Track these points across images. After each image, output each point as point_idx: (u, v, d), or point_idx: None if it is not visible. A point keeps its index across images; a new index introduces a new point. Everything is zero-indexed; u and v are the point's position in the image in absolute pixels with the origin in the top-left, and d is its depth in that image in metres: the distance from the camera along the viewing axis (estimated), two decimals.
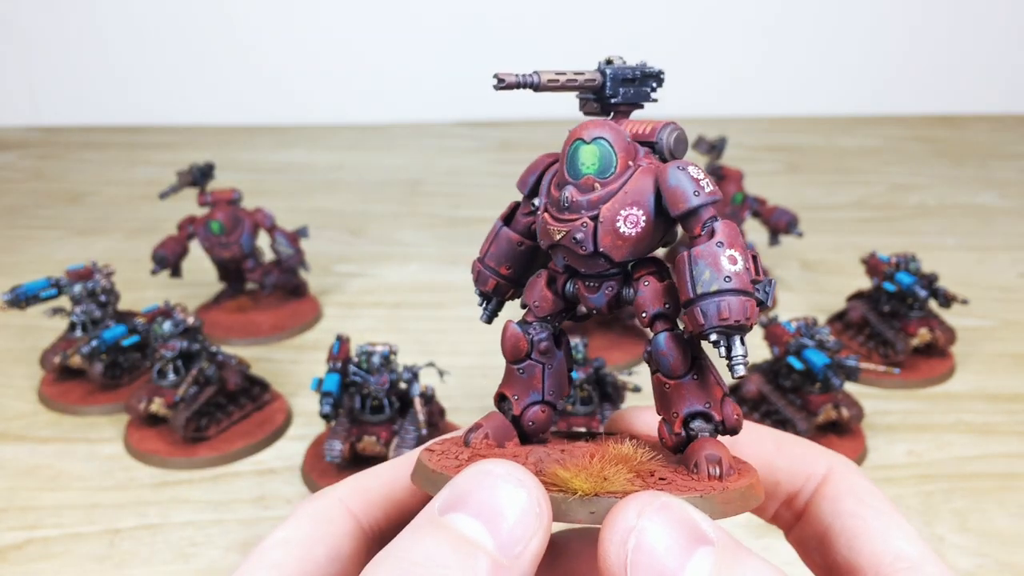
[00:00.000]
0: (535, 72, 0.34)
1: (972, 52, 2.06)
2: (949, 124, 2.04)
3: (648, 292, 0.33)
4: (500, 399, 0.36)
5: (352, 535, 0.33)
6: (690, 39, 2.03)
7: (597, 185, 0.33)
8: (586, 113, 0.37)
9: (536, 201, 0.36)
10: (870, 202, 1.59)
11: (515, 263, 0.37)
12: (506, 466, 0.28)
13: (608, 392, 0.86)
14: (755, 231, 1.26)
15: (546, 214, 0.34)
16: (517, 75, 0.34)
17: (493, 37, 1.99)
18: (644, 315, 0.33)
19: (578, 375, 0.84)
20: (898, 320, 1.03)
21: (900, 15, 2.03)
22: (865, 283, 1.11)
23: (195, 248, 1.12)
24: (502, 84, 0.33)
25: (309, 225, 1.23)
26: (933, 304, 1.04)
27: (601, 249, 0.33)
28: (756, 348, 1.01)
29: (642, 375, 0.98)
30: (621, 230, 0.33)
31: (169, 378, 0.89)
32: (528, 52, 1.98)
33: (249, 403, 0.94)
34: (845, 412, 0.86)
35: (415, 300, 1.22)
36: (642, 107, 0.37)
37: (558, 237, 0.33)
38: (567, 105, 0.36)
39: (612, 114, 0.36)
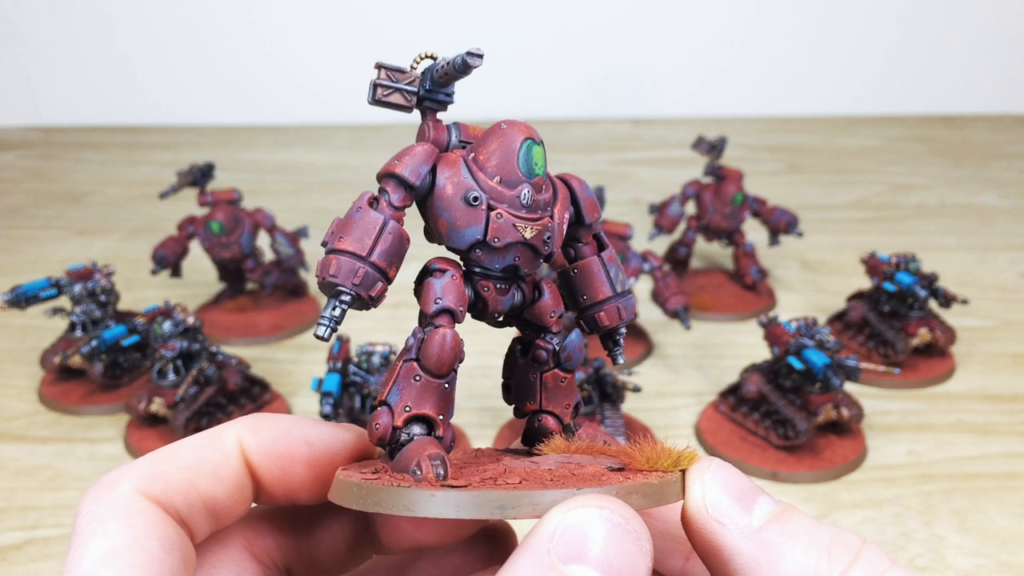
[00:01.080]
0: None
1: (972, 52, 2.06)
2: (949, 124, 2.04)
3: (553, 293, 0.35)
4: (412, 421, 0.32)
5: (171, 524, 0.29)
6: (690, 39, 2.03)
7: (544, 186, 0.33)
8: (385, 106, 0.35)
9: (477, 195, 0.32)
10: (870, 202, 1.60)
11: (399, 264, 0.34)
12: (618, 509, 0.26)
13: (608, 392, 0.86)
14: (755, 231, 1.26)
15: (507, 211, 0.32)
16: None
17: (493, 37, 1.99)
18: (552, 315, 0.34)
19: (579, 375, 0.84)
20: (898, 320, 1.03)
21: (900, 15, 2.03)
22: (865, 283, 1.11)
23: (195, 248, 1.12)
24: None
25: (309, 225, 1.23)
26: (933, 304, 1.04)
27: (554, 250, 0.33)
28: (756, 348, 1.01)
29: (642, 375, 0.98)
30: (563, 232, 0.34)
31: (169, 378, 0.89)
32: (528, 52, 1.98)
33: (249, 403, 0.94)
34: (845, 412, 0.86)
35: (415, 300, 1.22)
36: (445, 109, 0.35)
37: (529, 235, 0.32)
38: (568, 105, 0.35)
39: (423, 113, 0.36)
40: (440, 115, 0.35)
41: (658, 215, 1.21)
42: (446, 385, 0.33)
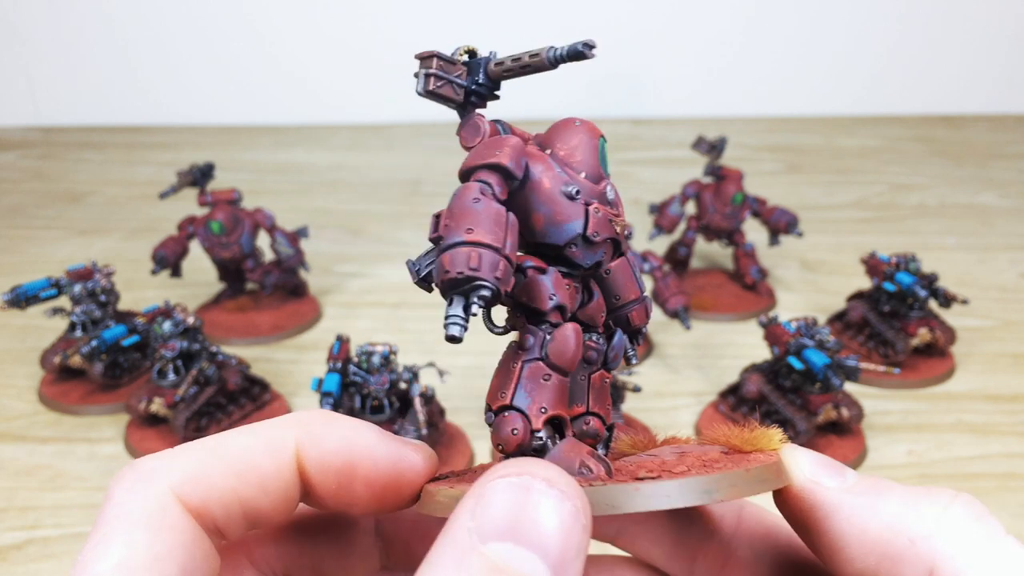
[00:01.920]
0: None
1: (972, 52, 2.06)
2: (949, 124, 2.04)
3: (599, 294, 0.34)
4: (554, 421, 0.30)
5: (199, 543, 0.27)
6: (690, 39, 2.03)
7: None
8: (435, 97, 0.32)
9: (577, 189, 0.31)
10: (870, 202, 1.59)
11: None
12: (545, 471, 0.24)
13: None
14: (755, 231, 1.26)
15: (602, 206, 0.31)
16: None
17: (493, 37, 1.99)
18: (603, 315, 0.33)
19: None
20: (898, 320, 1.03)
21: (900, 15, 2.03)
22: (865, 283, 1.11)
23: (195, 248, 1.12)
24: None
25: (309, 225, 1.23)
26: (933, 304, 1.04)
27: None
28: (756, 348, 1.01)
29: (642, 375, 0.98)
30: None
31: (169, 378, 0.89)
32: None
33: (249, 403, 0.94)
34: (845, 412, 0.86)
35: (415, 300, 1.22)
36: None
37: (619, 230, 0.32)
38: (568, 105, 0.34)
39: (466, 108, 0.33)
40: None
41: (658, 215, 1.21)
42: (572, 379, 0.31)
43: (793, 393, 0.88)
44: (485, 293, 0.28)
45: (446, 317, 0.28)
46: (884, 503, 0.28)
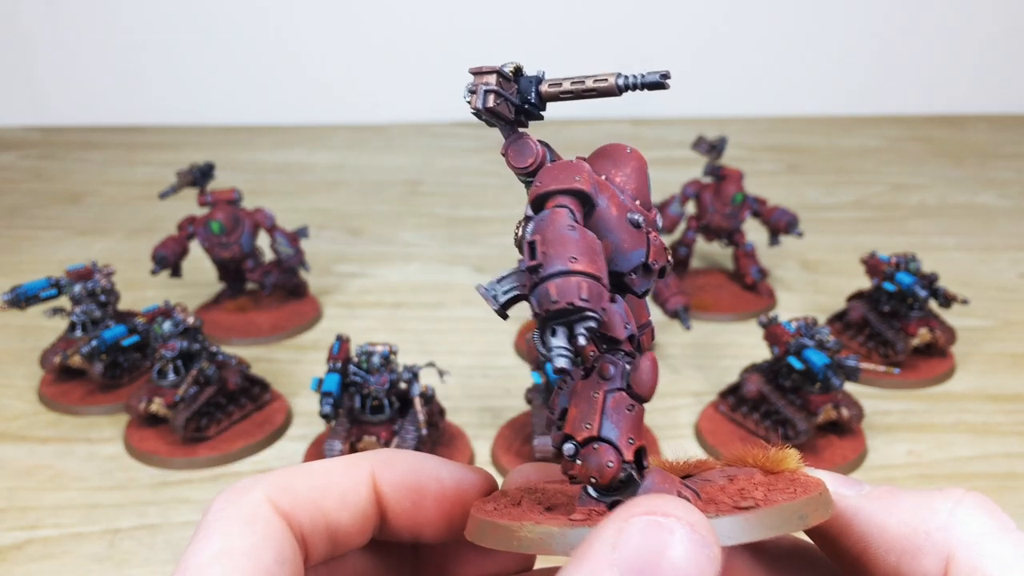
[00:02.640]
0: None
1: (972, 52, 2.06)
2: (949, 124, 2.04)
3: (624, 305, 0.33)
4: (641, 453, 0.30)
5: (290, 539, 0.30)
6: (690, 39, 2.03)
7: None
8: (491, 115, 0.32)
9: (642, 218, 0.31)
10: (870, 202, 1.59)
11: None
12: (685, 514, 0.24)
13: None
14: (755, 231, 1.26)
15: (658, 235, 0.32)
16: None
17: (493, 37, 1.99)
18: (627, 327, 0.32)
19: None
20: (898, 320, 1.03)
21: (900, 15, 2.03)
22: (865, 283, 1.11)
23: (195, 248, 1.12)
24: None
25: (309, 225, 1.23)
26: (933, 304, 1.04)
27: None
28: (756, 348, 1.01)
29: None
30: None
31: (169, 378, 0.89)
32: (528, 52, 1.98)
33: (249, 403, 0.94)
34: (845, 412, 0.86)
35: (415, 300, 1.22)
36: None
37: (669, 258, 0.32)
38: (568, 105, 0.33)
39: (515, 126, 0.33)
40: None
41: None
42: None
43: (793, 393, 0.88)
44: (592, 324, 0.27)
45: (550, 348, 0.27)
46: (899, 504, 0.30)
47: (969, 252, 1.37)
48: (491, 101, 0.31)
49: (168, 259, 1.09)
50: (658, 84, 0.31)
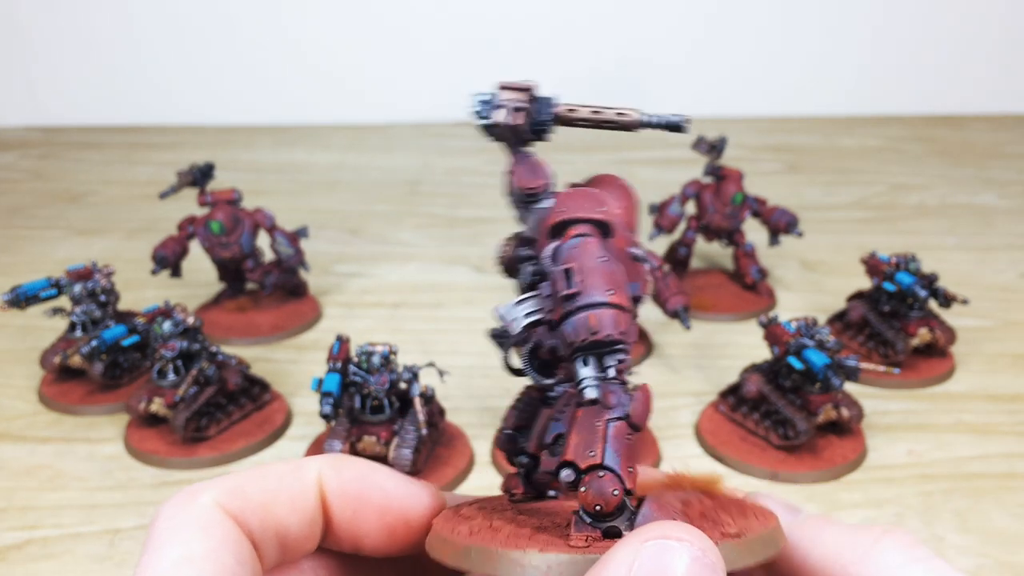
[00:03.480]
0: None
1: (972, 52, 2.06)
2: (949, 124, 2.04)
3: None
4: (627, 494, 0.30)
5: (245, 541, 0.30)
6: (690, 39, 2.03)
7: None
8: (507, 132, 0.32)
9: (639, 252, 0.32)
10: (870, 202, 1.59)
11: None
12: (698, 541, 0.26)
13: None
14: (755, 231, 1.26)
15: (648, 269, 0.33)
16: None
17: (494, 37, 1.99)
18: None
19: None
20: (898, 320, 1.03)
21: (900, 15, 2.03)
22: (865, 283, 1.11)
23: (195, 248, 1.12)
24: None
25: (309, 225, 1.23)
26: (933, 304, 1.04)
27: None
28: (756, 348, 1.01)
29: (642, 375, 0.98)
30: None
31: (169, 378, 0.89)
32: (528, 52, 1.98)
33: (249, 403, 0.94)
34: (845, 412, 0.86)
35: (415, 300, 1.22)
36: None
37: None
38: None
39: (524, 144, 0.33)
40: None
41: (658, 215, 1.21)
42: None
43: (793, 393, 0.88)
44: (623, 356, 0.29)
45: (583, 378, 0.28)
46: (826, 535, 0.31)
47: (969, 252, 1.37)
48: (520, 120, 0.31)
49: (168, 259, 1.09)
50: (677, 127, 0.32)
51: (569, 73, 1.98)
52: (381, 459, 0.82)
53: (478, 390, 0.98)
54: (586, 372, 0.28)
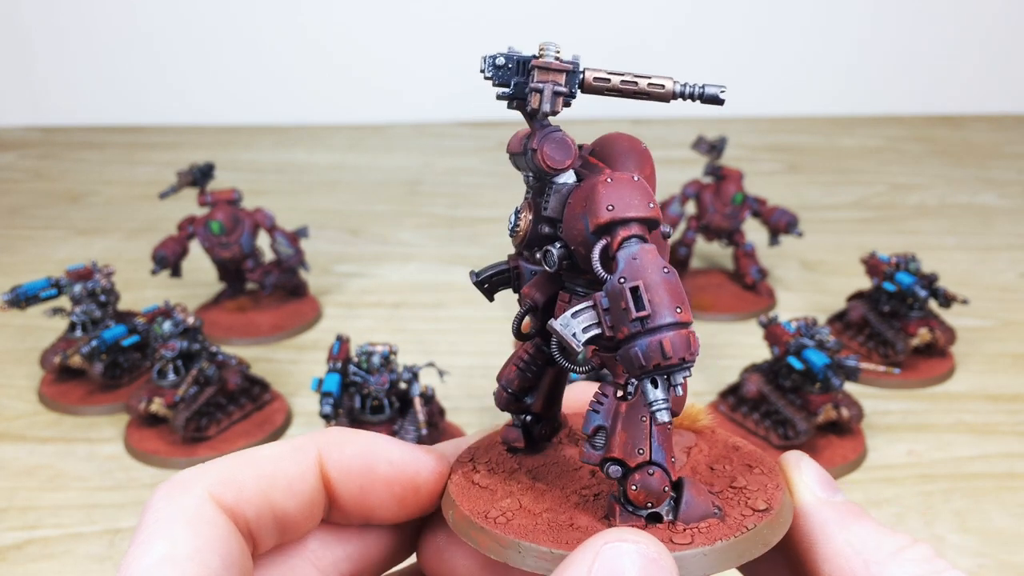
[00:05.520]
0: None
1: (972, 52, 2.06)
2: (949, 124, 2.04)
3: None
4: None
5: (236, 537, 0.29)
6: (690, 39, 2.03)
7: None
8: (539, 112, 0.31)
9: (668, 231, 0.32)
10: (870, 202, 1.59)
11: None
12: (652, 545, 0.27)
13: None
14: (755, 231, 1.26)
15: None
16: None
17: (493, 37, 1.98)
18: None
19: (577, 376, 0.84)
20: (898, 320, 1.03)
21: (900, 15, 2.03)
22: (865, 283, 1.11)
23: (195, 248, 1.12)
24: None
25: (309, 225, 1.23)
26: (933, 304, 1.04)
27: None
28: (756, 348, 1.01)
29: None
30: None
31: (169, 378, 0.89)
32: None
33: (249, 403, 0.94)
34: (845, 412, 0.86)
35: (415, 300, 1.22)
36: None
37: None
38: (572, 105, 0.32)
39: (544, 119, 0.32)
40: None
41: None
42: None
43: (793, 393, 0.88)
44: (688, 375, 0.28)
45: (654, 400, 0.27)
46: (856, 524, 0.31)
47: (969, 252, 1.37)
48: (559, 106, 0.30)
49: (168, 259, 1.09)
50: (715, 99, 0.31)
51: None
52: None
53: (478, 390, 0.98)
54: (658, 395, 0.27)
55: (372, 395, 0.83)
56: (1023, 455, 0.89)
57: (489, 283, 0.35)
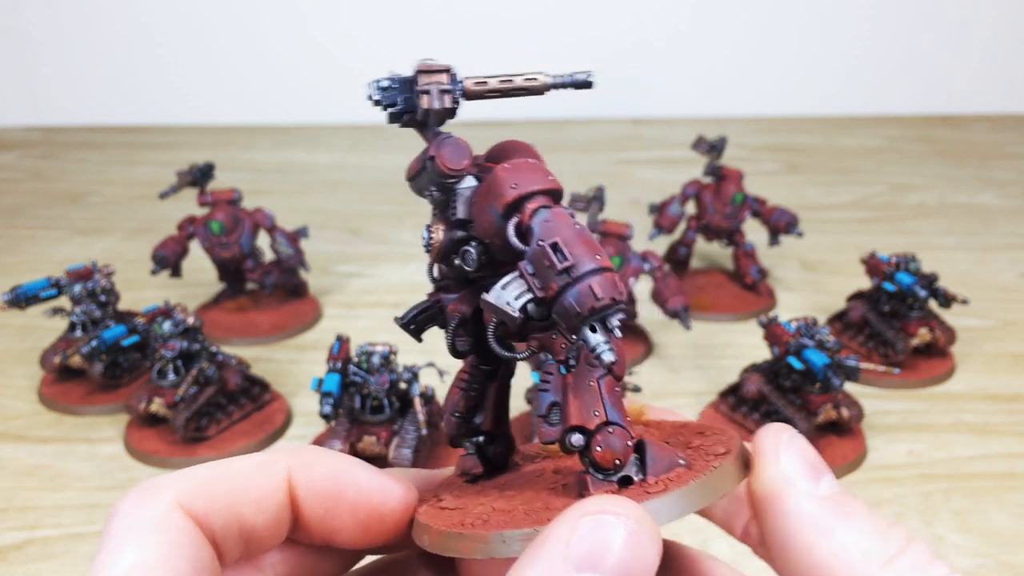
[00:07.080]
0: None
1: (972, 52, 2.06)
2: (949, 124, 2.04)
3: None
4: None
5: (205, 545, 0.29)
6: (690, 39, 2.03)
7: None
8: (426, 117, 0.33)
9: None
10: (870, 202, 1.59)
11: None
12: (633, 513, 0.26)
13: None
14: (755, 231, 1.26)
15: None
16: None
17: (493, 37, 1.99)
18: None
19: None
20: (898, 320, 1.03)
21: (900, 15, 2.03)
22: (865, 283, 1.11)
23: (195, 248, 1.12)
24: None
25: (309, 225, 1.23)
26: (933, 304, 1.04)
27: None
28: (756, 348, 1.01)
29: (642, 375, 0.98)
30: None
31: (169, 378, 0.89)
32: (527, 52, 1.98)
33: (249, 403, 0.94)
34: (845, 412, 0.86)
35: (415, 300, 1.21)
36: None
37: None
38: (567, 105, 0.33)
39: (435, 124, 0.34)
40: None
41: (658, 215, 1.21)
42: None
43: (793, 393, 0.88)
44: (623, 316, 0.29)
45: (596, 344, 0.28)
46: (844, 525, 0.29)
47: (969, 252, 1.37)
48: (447, 102, 0.32)
49: (168, 259, 1.09)
50: (585, 83, 0.32)
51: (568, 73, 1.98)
52: (381, 459, 0.82)
53: None
54: (598, 338, 0.28)
55: (372, 395, 0.84)
56: (1023, 455, 0.89)
57: (415, 323, 0.36)
